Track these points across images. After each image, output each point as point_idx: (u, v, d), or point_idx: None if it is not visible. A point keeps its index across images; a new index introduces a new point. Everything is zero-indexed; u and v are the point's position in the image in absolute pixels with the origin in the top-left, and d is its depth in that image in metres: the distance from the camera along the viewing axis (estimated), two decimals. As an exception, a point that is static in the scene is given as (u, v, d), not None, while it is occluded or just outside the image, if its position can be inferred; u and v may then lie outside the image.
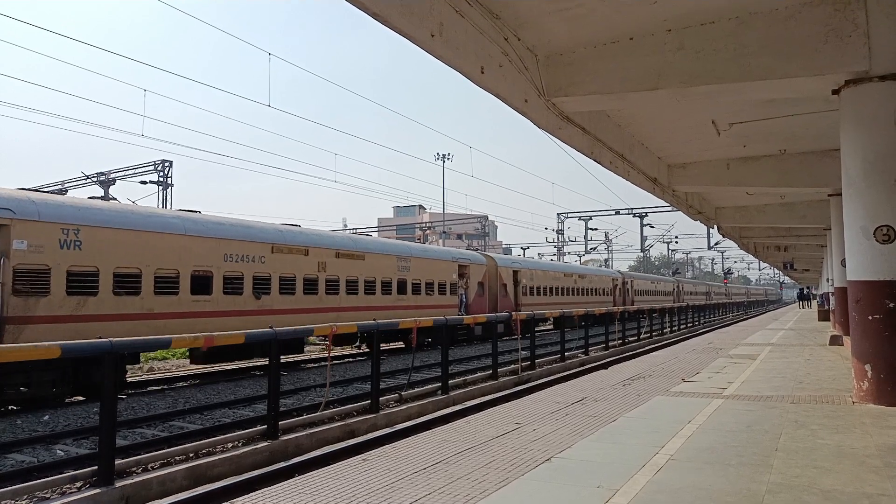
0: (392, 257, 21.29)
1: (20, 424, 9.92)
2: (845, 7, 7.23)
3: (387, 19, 6.23)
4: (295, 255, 17.01)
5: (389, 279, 20.86)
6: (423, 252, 23.91)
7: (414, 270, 22.19)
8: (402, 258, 21.77)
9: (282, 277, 16.53)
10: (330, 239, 19.11)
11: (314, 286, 17.55)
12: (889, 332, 6.97)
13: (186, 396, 12.56)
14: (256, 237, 16.10)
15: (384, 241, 23.06)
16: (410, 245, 24.29)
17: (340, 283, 18.55)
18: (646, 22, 8.09)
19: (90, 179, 31.81)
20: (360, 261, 19.52)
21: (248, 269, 15.60)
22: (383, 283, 20.50)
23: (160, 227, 13.88)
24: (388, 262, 20.98)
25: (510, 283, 28.90)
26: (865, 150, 7.22)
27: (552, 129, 9.86)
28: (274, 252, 16.37)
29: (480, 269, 26.85)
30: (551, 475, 4.76)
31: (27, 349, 6.60)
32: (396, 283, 21.22)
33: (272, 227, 17.56)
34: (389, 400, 11.35)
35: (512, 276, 29.23)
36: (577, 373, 15.71)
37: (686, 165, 16.03)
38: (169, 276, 13.83)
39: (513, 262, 31.11)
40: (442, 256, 24.91)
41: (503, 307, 27.22)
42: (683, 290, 62.73)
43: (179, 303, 13.97)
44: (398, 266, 21.40)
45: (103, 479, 6.32)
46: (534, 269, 32.81)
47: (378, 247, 21.31)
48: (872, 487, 4.26)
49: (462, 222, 63.21)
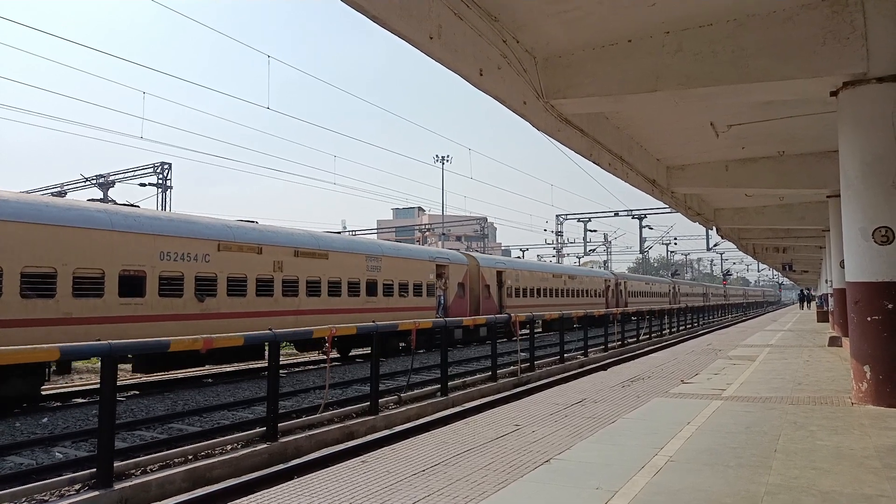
0: (360, 256, 19.89)
1: (19, 427, 9.91)
2: (843, 9, 7.25)
3: (386, 21, 6.25)
4: (246, 253, 15.77)
5: (357, 280, 19.47)
6: (395, 251, 22.34)
7: (386, 270, 20.80)
8: (372, 257, 20.36)
9: (230, 278, 15.29)
10: (287, 236, 17.57)
11: (269, 287, 16.31)
12: (888, 333, 6.98)
13: (186, 398, 12.55)
14: (199, 233, 14.82)
15: (351, 239, 21.22)
16: (381, 243, 22.80)
17: (300, 284, 17.24)
18: (644, 24, 8.11)
19: (89, 182, 31.81)
20: (323, 260, 18.15)
21: (190, 268, 14.36)
22: (350, 284, 19.13)
23: (81, 222, 12.58)
24: (356, 262, 19.61)
25: (494, 284, 27.82)
26: (864, 151, 7.24)
27: (551, 130, 9.88)
28: (221, 250, 15.11)
29: (461, 270, 25.53)
30: (550, 477, 4.76)
31: (26, 351, 6.59)
32: (365, 283, 19.82)
33: (219, 222, 16.21)
34: (389, 402, 11.35)
35: (496, 276, 28.13)
36: (577, 374, 15.70)
37: (685, 167, 16.05)
38: (91, 276, 12.58)
39: (497, 262, 29.87)
40: (417, 255, 23.36)
41: (486, 310, 26.19)
42: (680, 292, 61.77)
43: (105, 306, 12.72)
44: (368, 266, 20.04)
45: (102, 481, 6.31)
46: (520, 269, 31.43)
47: (344, 245, 19.87)
48: (871, 488, 4.27)
49: (461, 224, 63.22)
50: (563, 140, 10.55)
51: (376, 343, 10.64)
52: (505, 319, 16.24)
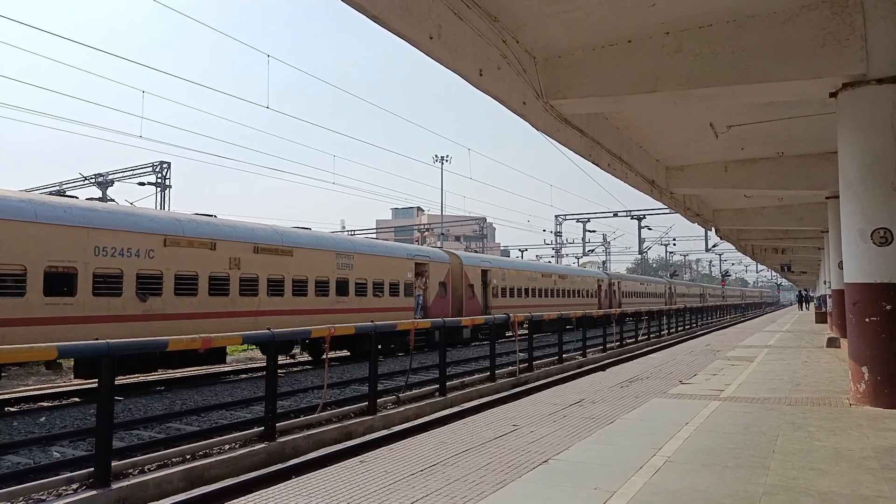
0: (330, 253, 18.57)
1: (16, 426, 9.90)
2: (843, 10, 7.26)
3: (386, 21, 6.24)
4: (197, 249, 14.61)
5: (326, 278, 18.18)
6: (369, 248, 21.10)
7: (358, 268, 19.52)
8: (343, 254, 19.06)
9: (178, 276, 14.13)
10: (246, 231, 16.33)
11: (224, 286, 15.10)
12: (886, 334, 6.98)
13: (183, 398, 12.53)
14: (142, 227, 13.66)
15: (320, 235, 19.54)
16: (354, 239, 21.45)
17: (260, 282, 16.04)
18: (644, 24, 8.11)
19: (88, 181, 31.78)
20: (287, 257, 16.93)
21: (130, 265, 13.20)
22: (318, 283, 17.86)
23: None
24: (325, 259, 18.28)
25: (478, 283, 26.78)
26: (863, 152, 7.24)
27: (550, 131, 9.88)
28: (168, 245, 13.93)
29: (442, 268, 24.24)
30: (548, 477, 4.76)
31: (25, 350, 6.58)
32: (335, 282, 18.51)
33: (167, 215, 15.32)
34: (387, 402, 11.34)
35: (480, 275, 27.05)
36: (575, 375, 15.70)
37: (684, 168, 16.06)
38: (11, 273, 11.47)
39: (482, 261, 28.63)
40: (394, 253, 22.08)
41: (470, 310, 25.19)
42: (676, 292, 60.99)
43: (27, 306, 11.61)
44: (338, 263, 18.72)
45: (99, 480, 6.30)
46: (506, 268, 30.27)
47: (311, 241, 18.39)
48: (869, 489, 4.27)
49: (460, 224, 63.22)
50: (562, 140, 10.55)
51: (375, 343, 10.63)
52: (504, 319, 16.21)
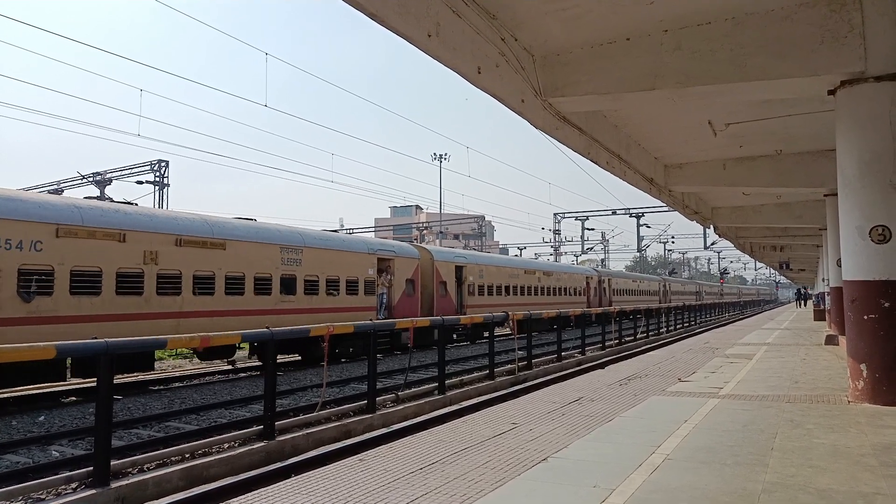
0: (272, 247, 16.60)
1: (15, 425, 9.89)
2: (841, 8, 7.25)
3: (384, 19, 6.23)
4: (101, 241, 12.77)
5: (268, 275, 16.31)
6: (322, 241, 18.93)
7: (308, 264, 17.61)
8: (290, 248, 17.09)
9: (76, 272, 12.35)
10: (165, 221, 14.39)
11: (137, 284, 13.27)
12: (884, 331, 6.99)
13: (182, 397, 12.53)
14: (26, 214, 11.77)
15: (260, 227, 17.23)
16: (303, 231, 18.92)
17: (184, 279, 14.26)
18: (642, 22, 8.10)
19: (86, 179, 31.74)
20: (219, 250, 15.07)
21: (9, 258, 11.37)
22: (258, 281, 16.01)
23: None
24: (267, 254, 16.37)
25: (451, 280, 24.90)
26: (861, 150, 7.24)
27: (549, 129, 9.87)
28: (61, 236, 12.14)
29: (410, 264, 22.35)
30: (548, 475, 4.76)
31: (23, 349, 6.57)
32: (280, 280, 16.65)
33: (63, 201, 13.58)
34: (386, 400, 11.35)
35: (454, 272, 25.18)
36: (574, 373, 15.72)
37: (682, 166, 16.06)
38: None
39: (456, 256, 26.73)
40: (352, 247, 20.06)
41: (442, 310, 23.31)
42: (671, 290, 59.24)
43: None
44: (283, 258, 16.78)
45: (99, 480, 6.30)
46: (484, 264, 28.34)
47: (249, 233, 16.32)
48: (868, 486, 4.28)
49: (459, 222, 63.26)
50: (561, 138, 10.55)
51: (373, 342, 10.62)
52: (502, 318, 16.21)
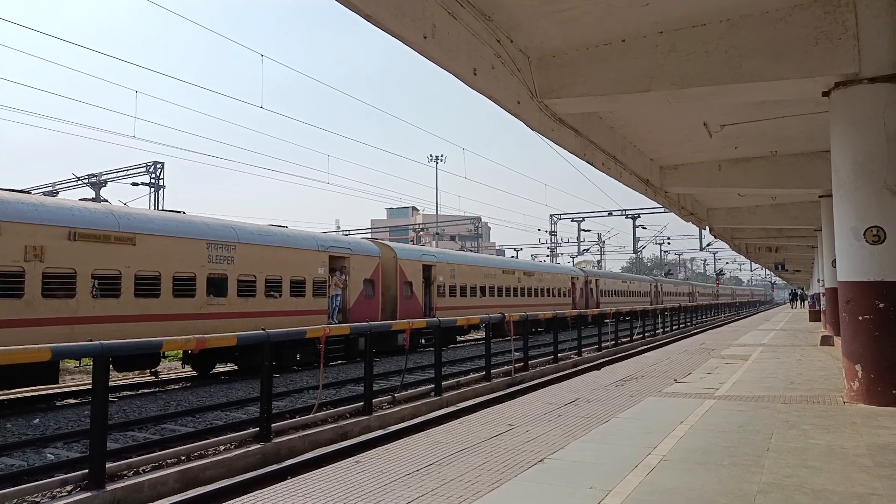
0: (197, 243, 14.59)
1: (10, 427, 9.85)
2: (835, 10, 7.29)
3: (380, 21, 6.24)
4: None
5: (191, 274, 14.32)
6: (260, 237, 16.64)
7: (243, 262, 15.63)
8: (219, 244, 15.07)
9: None
10: (56, 211, 12.41)
11: (15, 285, 11.43)
12: (879, 332, 7.02)
13: (178, 399, 12.49)
14: None
15: (181, 219, 14.93)
16: (238, 226, 16.45)
17: (80, 279, 12.34)
18: (638, 24, 8.13)
19: (81, 181, 31.64)
20: (127, 246, 13.10)
21: None
22: (178, 281, 14.04)
23: None
24: (189, 250, 14.36)
25: (418, 280, 22.93)
26: (855, 151, 7.27)
27: (545, 130, 9.89)
28: None
29: (368, 263, 20.29)
30: (544, 476, 4.77)
31: (18, 351, 6.54)
32: (206, 280, 14.65)
33: None
34: (382, 402, 11.34)
35: (421, 271, 23.14)
36: (570, 374, 15.73)
37: (678, 167, 16.11)
38: None
39: (424, 254, 24.40)
40: (297, 244, 17.74)
41: (407, 313, 21.50)
42: (663, 291, 57.60)
43: None
44: (211, 256, 14.80)
45: (94, 482, 6.27)
46: (456, 263, 25.97)
47: (166, 226, 14.20)
48: (863, 487, 4.29)
49: (455, 224, 63.27)
50: (556, 140, 10.57)
51: (370, 343, 10.62)
52: (499, 319, 16.20)
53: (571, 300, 36.71)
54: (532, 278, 32.29)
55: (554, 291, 34.79)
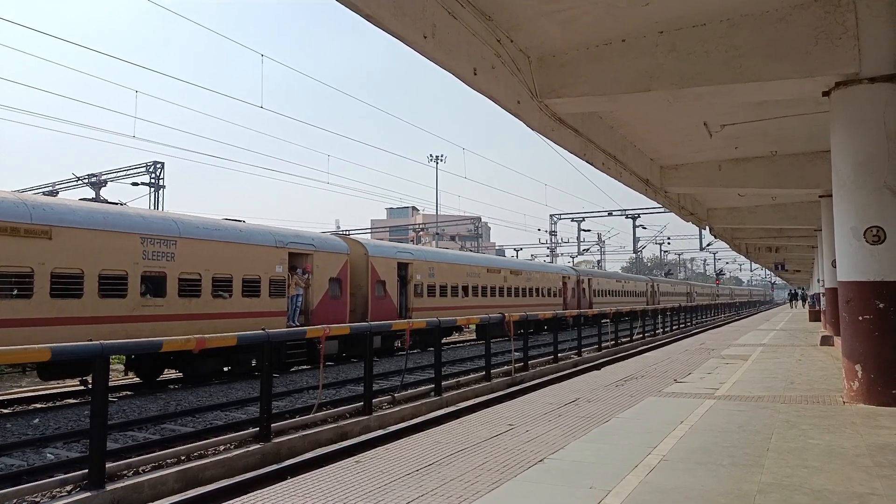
0: (129, 237, 13.06)
1: (10, 428, 9.84)
2: (835, 9, 7.29)
3: (380, 21, 6.24)
4: None
5: (122, 272, 12.83)
6: (206, 231, 14.98)
7: (186, 259, 14.11)
8: (157, 239, 13.55)
9: None
10: None
11: None
12: (879, 332, 7.02)
13: (178, 399, 12.49)
14: None
15: (109, 211, 13.38)
16: (180, 219, 14.84)
17: None
18: (638, 24, 8.12)
19: (81, 181, 31.64)
20: (41, 240, 11.62)
21: None
22: (106, 279, 12.50)
23: None
24: (120, 245, 12.85)
25: (392, 279, 21.31)
26: (856, 151, 7.27)
27: (545, 130, 9.89)
28: None
29: (335, 260, 18.62)
30: (544, 476, 4.77)
31: (18, 351, 6.54)
32: (141, 278, 13.22)
33: None
34: (382, 402, 11.34)
35: (396, 270, 21.57)
36: (570, 374, 15.73)
37: (678, 167, 16.11)
38: None
39: (399, 252, 22.72)
40: (252, 239, 16.03)
41: (380, 314, 19.89)
42: (660, 291, 56.02)
43: None
44: (147, 251, 13.32)
45: (94, 482, 6.27)
46: (436, 261, 24.27)
47: (91, 218, 12.63)
48: (862, 487, 4.29)
49: (455, 224, 63.27)
50: (557, 140, 10.57)
51: (370, 343, 10.61)
52: (499, 319, 16.19)
53: (562, 300, 35.49)
54: (520, 277, 30.97)
55: (544, 291, 33.43)
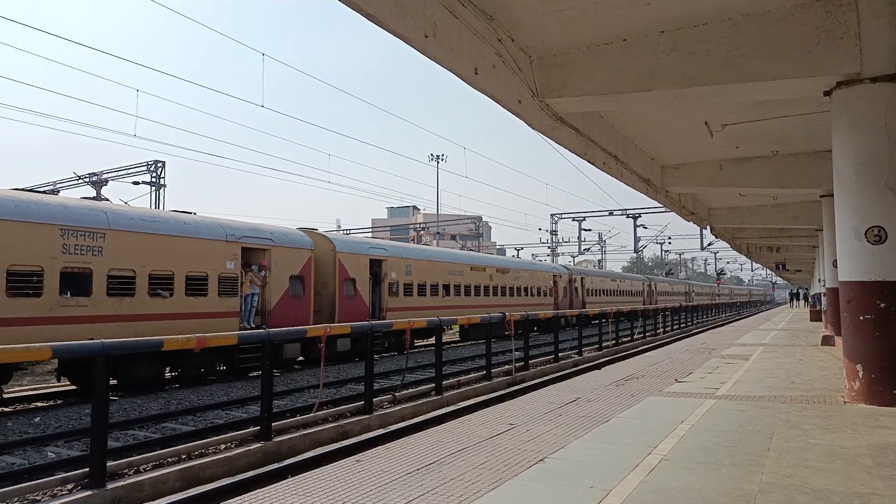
0: (45, 228, 11.71)
1: (11, 426, 9.86)
2: (837, 9, 7.28)
3: (381, 20, 6.24)
4: None
5: (36, 268, 11.54)
6: (141, 223, 13.52)
7: (116, 253, 12.74)
8: (80, 231, 12.20)
9: None
10: None
11: None
12: (880, 332, 7.01)
13: (179, 398, 12.50)
14: None
15: (20, 199, 11.84)
16: (110, 209, 13.58)
17: None
18: (639, 23, 8.12)
19: (82, 180, 31.66)
20: None
21: None
22: (15, 276, 11.30)
23: None
24: (33, 238, 11.51)
25: (363, 277, 19.83)
26: (857, 151, 7.27)
27: (546, 130, 9.89)
28: None
29: (297, 256, 17.13)
30: (545, 475, 4.77)
31: (19, 350, 6.55)
32: (61, 276, 11.87)
33: None
34: (383, 401, 11.34)
35: (368, 267, 20.13)
36: (571, 373, 15.73)
37: (679, 166, 16.10)
38: None
39: (371, 248, 21.20)
40: (198, 232, 14.63)
41: (349, 315, 18.32)
42: (657, 291, 54.20)
43: None
44: (67, 245, 11.95)
45: (95, 481, 6.28)
46: (413, 258, 22.61)
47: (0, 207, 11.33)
48: (863, 487, 4.29)
49: (456, 223, 63.23)
50: (557, 139, 10.56)
51: (370, 342, 10.61)
52: (500, 318, 16.19)
53: (553, 300, 33.97)
54: (507, 276, 29.51)
55: (533, 291, 31.95)
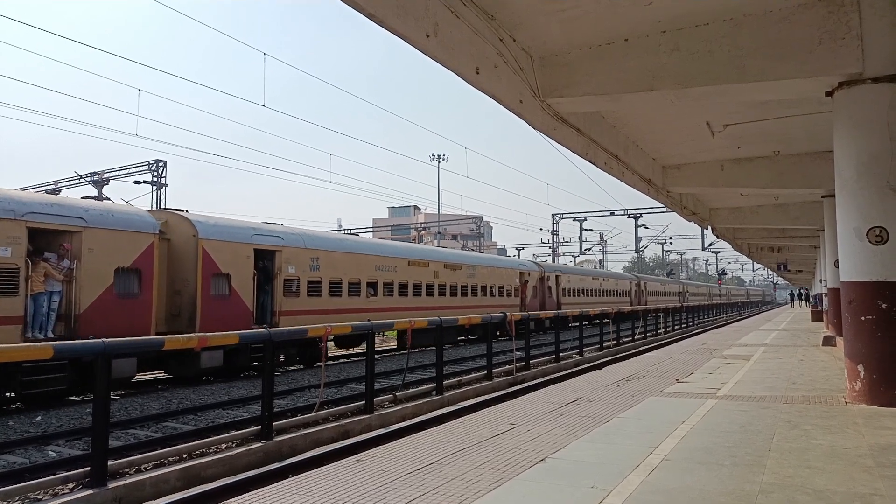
0: None
1: (12, 425, 9.87)
2: (839, 9, 7.27)
3: (382, 20, 6.24)
4: None
5: None
6: None
7: None
8: None
9: None
10: None
11: None
12: (881, 332, 7.00)
13: (180, 397, 12.51)
14: None
15: None
16: None
17: None
18: (641, 23, 8.11)
19: (84, 179, 31.69)
20: None
21: None
22: None
23: None
24: None
25: (247, 273, 15.51)
26: (859, 151, 7.26)
27: (547, 129, 9.88)
28: None
29: (129, 242, 12.96)
30: (545, 475, 4.76)
31: (22, 349, 6.56)
32: None
33: None
34: (384, 400, 11.34)
35: (252, 259, 15.73)
36: (572, 373, 15.72)
37: (680, 166, 16.09)
38: None
39: (257, 234, 16.30)
40: None
41: (220, 319, 14.28)
42: (647, 291, 50.24)
43: None
44: None
45: (96, 480, 6.28)
46: (323, 249, 18.27)
47: None
48: (865, 487, 4.28)
49: (457, 223, 63.22)
50: (559, 139, 10.55)
51: (371, 341, 10.60)
52: (500, 318, 16.17)
53: (520, 301, 29.88)
54: (458, 273, 25.02)
55: (494, 290, 27.63)
